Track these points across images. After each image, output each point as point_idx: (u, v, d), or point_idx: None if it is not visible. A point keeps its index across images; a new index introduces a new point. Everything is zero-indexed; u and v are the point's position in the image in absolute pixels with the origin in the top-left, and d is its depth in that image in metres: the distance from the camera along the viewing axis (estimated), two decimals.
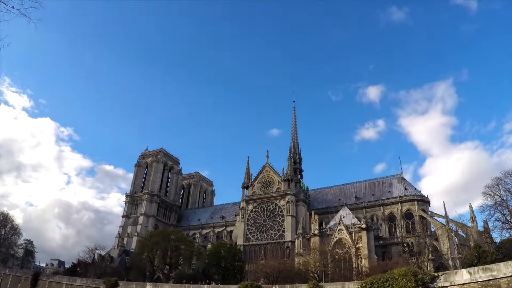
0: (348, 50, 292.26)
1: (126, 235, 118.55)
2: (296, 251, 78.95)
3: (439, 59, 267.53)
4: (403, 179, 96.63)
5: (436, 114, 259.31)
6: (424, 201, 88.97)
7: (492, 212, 53.22)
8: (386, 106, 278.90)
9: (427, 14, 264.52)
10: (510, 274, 26.07)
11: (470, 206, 74.89)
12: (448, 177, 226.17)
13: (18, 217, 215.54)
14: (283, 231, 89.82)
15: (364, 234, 71.64)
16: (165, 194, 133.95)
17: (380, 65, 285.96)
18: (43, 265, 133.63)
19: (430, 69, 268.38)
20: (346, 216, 79.20)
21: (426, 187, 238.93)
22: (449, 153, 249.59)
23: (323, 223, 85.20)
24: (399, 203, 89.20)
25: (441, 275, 30.62)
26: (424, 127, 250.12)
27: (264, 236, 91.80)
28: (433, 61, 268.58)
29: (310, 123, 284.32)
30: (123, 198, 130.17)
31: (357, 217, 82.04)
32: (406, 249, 70.94)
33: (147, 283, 62.77)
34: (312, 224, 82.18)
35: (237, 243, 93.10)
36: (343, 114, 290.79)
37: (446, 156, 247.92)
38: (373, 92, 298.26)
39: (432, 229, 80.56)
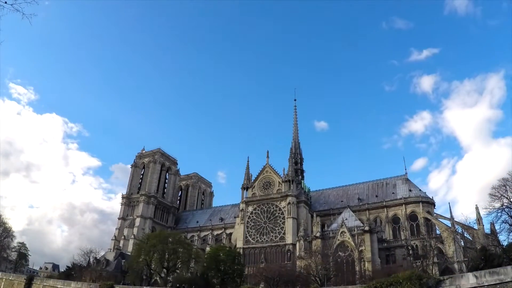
0: (408, 38, 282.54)
1: (123, 237, 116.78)
2: (297, 254, 77.41)
3: (495, 49, 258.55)
4: (407, 180, 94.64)
5: (484, 107, 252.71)
6: (429, 203, 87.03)
7: (499, 214, 51.49)
8: (437, 97, 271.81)
9: (486, 0, 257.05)
10: None
11: (477, 208, 73.00)
12: (485, 174, 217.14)
13: (19, 219, 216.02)
14: (284, 233, 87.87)
15: (367, 237, 70.35)
16: (162, 196, 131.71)
17: (439, 53, 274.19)
18: (37, 268, 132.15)
19: (485, 60, 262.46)
20: (348, 218, 77.62)
21: (460, 184, 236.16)
22: (489, 148, 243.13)
23: (325, 225, 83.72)
24: (403, 205, 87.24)
25: (447, 279, 29.80)
26: (470, 120, 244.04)
27: (264, 239, 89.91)
28: (490, 51, 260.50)
29: (351, 118, 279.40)
30: None
31: (360, 219, 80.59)
32: (410, 252, 69.29)
33: (144, 287, 61.56)
34: (313, 226, 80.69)
35: (237, 246, 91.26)
36: (393, 106, 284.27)
37: (486, 151, 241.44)
38: (426, 82, 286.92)
39: (437, 232, 78.78)
